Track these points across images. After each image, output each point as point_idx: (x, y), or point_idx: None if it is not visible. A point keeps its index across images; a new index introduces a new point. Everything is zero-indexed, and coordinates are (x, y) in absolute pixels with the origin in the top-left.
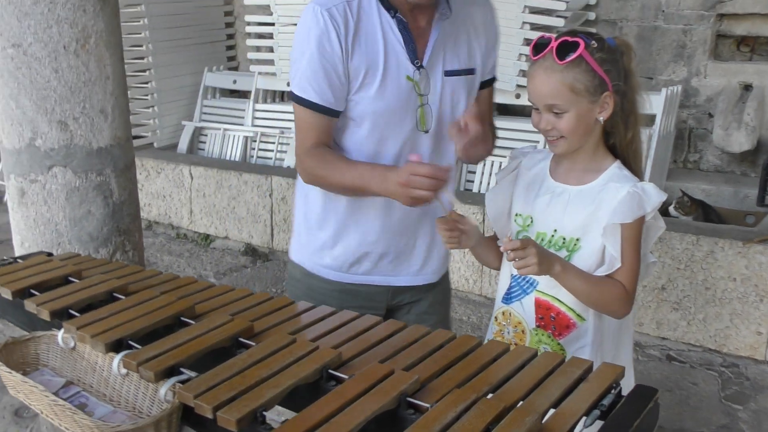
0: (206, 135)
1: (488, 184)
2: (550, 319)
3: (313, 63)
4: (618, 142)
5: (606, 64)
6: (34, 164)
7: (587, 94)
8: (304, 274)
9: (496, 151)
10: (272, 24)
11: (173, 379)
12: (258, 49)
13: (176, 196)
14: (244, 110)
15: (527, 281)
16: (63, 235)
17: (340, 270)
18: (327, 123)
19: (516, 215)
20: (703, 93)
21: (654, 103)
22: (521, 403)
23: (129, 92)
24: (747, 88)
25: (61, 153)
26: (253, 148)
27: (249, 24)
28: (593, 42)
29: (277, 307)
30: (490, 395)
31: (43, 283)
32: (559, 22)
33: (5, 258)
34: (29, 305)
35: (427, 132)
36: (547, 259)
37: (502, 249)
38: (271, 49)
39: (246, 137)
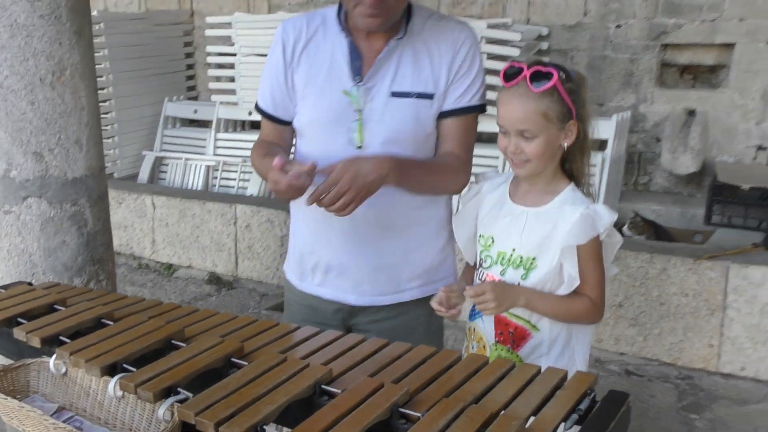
0: (167, 164)
1: (454, 208)
2: (509, 335)
3: (265, 71)
4: (574, 167)
5: (573, 94)
6: (9, 195)
7: (557, 122)
8: (286, 284)
9: None
10: (233, 54)
11: (171, 399)
12: (218, 79)
13: (138, 226)
14: (205, 139)
15: None
16: (37, 265)
17: (300, 279)
18: (269, 125)
19: (479, 236)
20: (650, 118)
21: (605, 129)
22: (504, 411)
23: None
24: (691, 113)
25: (36, 184)
26: (215, 177)
27: (210, 54)
28: (562, 73)
29: (263, 329)
30: (472, 405)
31: (29, 312)
32: (514, 52)
33: None
34: (18, 333)
35: (360, 148)
36: (507, 297)
37: (464, 294)
38: (231, 79)
39: (208, 166)
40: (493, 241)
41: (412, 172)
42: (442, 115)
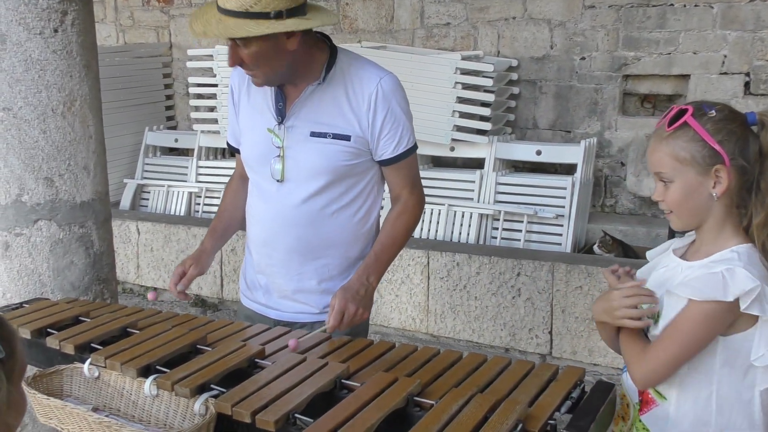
0: (149, 192)
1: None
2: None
3: (228, 112)
4: (749, 224)
5: (720, 135)
6: (20, 218)
7: (694, 164)
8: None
9: (431, 200)
10: (215, 85)
11: (206, 394)
12: (197, 108)
13: (122, 252)
14: (186, 167)
15: None
16: (46, 285)
17: (243, 292)
18: (239, 157)
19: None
20: (615, 144)
21: (574, 154)
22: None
23: None
24: None
25: (47, 207)
26: (198, 204)
27: (191, 85)
28: (712, 111)
29: (279, 334)
30: (479, 394)
31: (56, 323)
32: (487, 82)
33: (9, 305)
34: (52, 342)
35: (280, 181)
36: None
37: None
38: (211, 109)
39: (191, 193)
40: None
41: (384, 258)
42: (383, 163)
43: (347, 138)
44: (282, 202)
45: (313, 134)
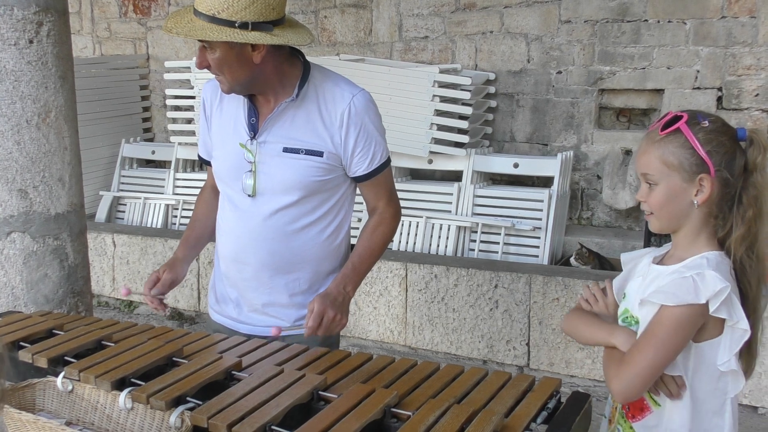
0: (125, 204)
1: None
2: None
3: (200, 125)
4: (726, 236)
5: (710, 145)
6: None
7: (681, 171)
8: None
9: (409, 212)
10: (192, 97)
11: (182, 407)
12: (174, 120)
13: (98, 265)
14: (163, 179)
15: None
16: (19, 298)
17: (211, 306)
18: (210, 170)
19: (624, 294)
20: (591, 157)
21: (551, 167)
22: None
23: None
24: (628, 153)
25: (20, 219)
26: (175, 216)
27: (169, 97)
28: (705, 122)
29: (256, 346)
30: (456, 405)
31: (29, 336)
32: (465, 95)
33: None
34: (24, 355)
35: (252, 196)
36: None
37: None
38: (187, 121)
39: (168, 205)
40: (625, 296)
41: (361, 268)
42: (358, 179)
43: (320, 154)
44: (253, 216)
45: (286, 150)
